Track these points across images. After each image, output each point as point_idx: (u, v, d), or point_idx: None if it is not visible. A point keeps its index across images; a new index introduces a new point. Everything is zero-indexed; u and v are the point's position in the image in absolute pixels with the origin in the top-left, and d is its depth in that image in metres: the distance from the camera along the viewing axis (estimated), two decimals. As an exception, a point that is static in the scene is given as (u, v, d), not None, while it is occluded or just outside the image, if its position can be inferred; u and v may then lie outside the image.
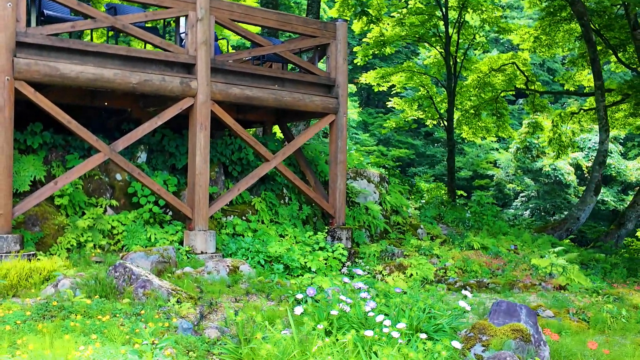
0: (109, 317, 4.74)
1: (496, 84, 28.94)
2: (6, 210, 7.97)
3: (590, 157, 42.69)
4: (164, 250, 8.11)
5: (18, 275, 6.50)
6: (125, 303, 5.51)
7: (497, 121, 30.08)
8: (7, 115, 8.01)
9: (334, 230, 10.75)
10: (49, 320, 4.76)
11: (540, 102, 29.28)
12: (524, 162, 41.61)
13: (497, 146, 46.68)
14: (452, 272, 10.33)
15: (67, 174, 8.61)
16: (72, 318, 4.79)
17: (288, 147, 10.53)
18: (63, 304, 5.03)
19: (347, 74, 10.94)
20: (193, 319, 5.82)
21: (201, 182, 9.45)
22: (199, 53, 9.46)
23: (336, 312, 4.31)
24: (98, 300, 5.26)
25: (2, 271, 6.59)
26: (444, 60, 27.47)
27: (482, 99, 29.21)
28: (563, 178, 40.03)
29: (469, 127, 30.84)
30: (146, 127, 9.23)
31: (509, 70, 28.54)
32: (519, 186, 42.01)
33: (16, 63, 8.07)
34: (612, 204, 40.70)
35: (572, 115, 28.50)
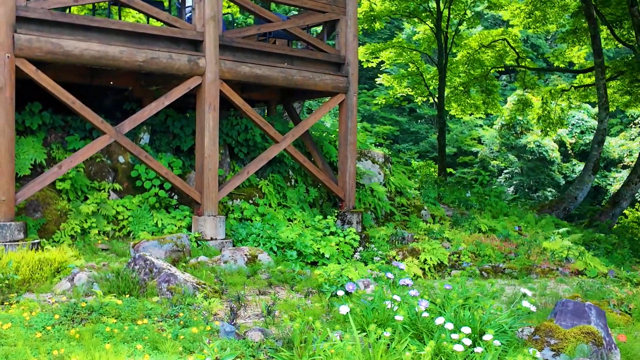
0: (147, 321, 4.37)
1: (485, 61, 28.66)
2: (9, 196, 7.50)
3: (574, 134, 42.84)
4: (178, 239, 7.72)
5: (30, 268, 6.08)
6: (154, 301, 5.14)
7: (487, 98, 29.88)
8: (8, 95, 7.50)
9: (344, 214, 10.42)
10: (79, 325, 4.38)
11: (531, 78, 29.09)
12: (508, 139, 41.60)
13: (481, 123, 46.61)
14: (466, 256, 10.10)
15: (72, 157, 8.14)
16: (105, 321, 4.41)
17: (297, 128, 10.13)
18: (92, 304, 4.64)
19: (357, 52, 10.53)
20: (223, 316, 5.47)
21: (210, 165, 9.04)
22: (207, 29, 8.98)
23: (401, 317, 3.98)
24: (128, 300, 4.88)
25: (9, 263, 6.15)
26: (435, 37, 27.08)
27: (472, 75, 28.93)
28: (547, 155, 40.13)
29: (457, 104, 30.62)
30: (153, 107, 8.76)
31: (499, 46, 28.24)
32: (503, 163, 42.04)
33: (17, 39, 7.54)
34: (595, 181, 40.91)
35: (563, 92, 28.38)
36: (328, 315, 5.39)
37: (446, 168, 27.57)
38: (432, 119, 47.43)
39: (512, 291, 8.38)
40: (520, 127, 41.53)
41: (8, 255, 6.29)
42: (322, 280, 6.71)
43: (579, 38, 25.83)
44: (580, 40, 26.01)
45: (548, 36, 46.83)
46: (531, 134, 41.15)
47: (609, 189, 38.02)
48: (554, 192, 40.55)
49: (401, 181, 13.47)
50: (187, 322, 4.49)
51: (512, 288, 8.53)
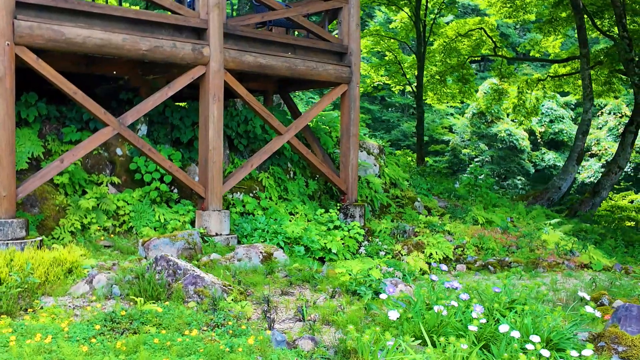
0: (196, 332, 4.11)
1: (462, 50, 28.66)
2: (10, 191, 7.10)
3: (544, 123, 43.41)
4: (189, 236, 7.44)
5: (45, 270, 5.74)
6: (190, 307, 4.88)
7: (463, 87, 29.95)
8: (9, 86, 7.08)
9: (346, 207, 10.24)
10: (122, 335, 4.10)
11: (507, 68, 29.23)
12: (479, 128, 41.91)
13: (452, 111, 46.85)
14: (470, 250, 10.02)
15: (74, 150, 7.76)
16: (147, 330, 4.14)
17: (300, 120, 9.88)
18: (131, 312, 4.36)
19: (360, 41, 10.30)
20: (255, 319, 5.25)
21: (215, 158, 8.74)
22: (211, 16, 8.65)
23: (475, 327, 3.81)
24: (166, 307, 4.61)
25: (21, 263, 5.80)
26: (414, 25, 26.95)
27: (448, 64, 28.93)
28: (518, 143, 40.56)
29: (433, 92, 30.61)
30: (157, 98, 8.42)
31: (476, 35, 28.27)
32: (474, 151, 42.35)
33: (17, 26, 7.10)
34: (563, 169, 41.46)
35: (539, 81, 28.61)
36: (366, 319, 5.20)
37: (424, 157, 27.59)
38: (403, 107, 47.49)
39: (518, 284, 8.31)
40: (490, 116, 41.87)
41: (20, 255, 5.93)
42: (346, 280, 6.52)
43: (555, 28, 26.01)
44: (556, 30, 26.20)
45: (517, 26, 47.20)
46: (502, 122, 41.54)
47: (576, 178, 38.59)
48: (523, 180, 41.06)
49: (395, 172, 13.34)
50: (235, 331, 4.25)
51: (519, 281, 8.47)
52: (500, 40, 28.59)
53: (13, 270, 5.61)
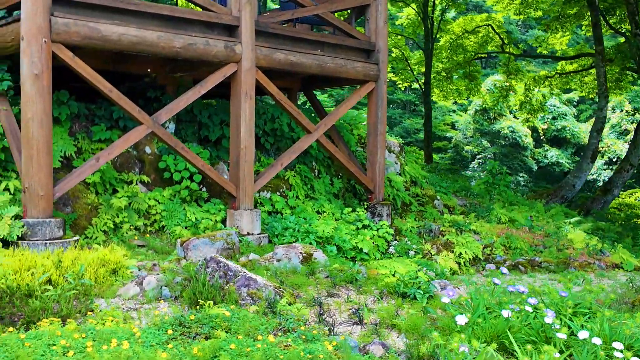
0: (272, 338, 4.04)
1: (468, 46, 28.58)
2: (47, 191, 7.01)
3: (546, 120, 43.38)
4: (228, 236, 7.36)
5: (95, 272, 5.66)
6: (254, 310, 4.80)
7: (469, 84, 29.87)
8: (46, 84, 6.98)
9: (374, 207, 10.17)
10: (194, 340, 4.03)
11: (515, 65, 29.19)
12: (482, 125, 41.85)
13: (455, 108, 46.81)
14: (499, 249, 9.97)
15: (109, 149, 7.66)
16: (219, 335, 4.07)
17: (329, 118, 9.80)
18: (200, 317, 4.29)
19: (387, 39, 10.22)
20: (311, 322, 5.18)
21: (247, 157, 8.66)
22: (243, 13, 8.56)
23: (564, 335, 3.75)
24: (232, 311, 4.53)
25: (69, 265, 5.72)
26: (422, 22, 26.86)
27: (454, 61, 28.84)
28: (521, 140, 40.52)
29: (439, 89, 30.53)
30: (190, 96, 8.33)
31: (483, 32, 28.20)
32: (476, 148, 42.30)
33: (54, 23, 7.00)
34: (566, 166, 41.56)
35: (547, 78, 28.57)
36: (426, 323, 5.13)
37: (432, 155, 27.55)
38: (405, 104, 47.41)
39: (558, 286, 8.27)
40: (493, 113, 41.83)
41: (66, 256, 5.85)
42: (391, 282, 6.46)
43: (563, 25, 25.97)
44: (564, 27, 26.17)
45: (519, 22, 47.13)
46: (504, 119, 41.50)
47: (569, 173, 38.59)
48: (526, 177, 41.06)
49: (415, 171, 13.28)
50: (307, 337, 4.18)
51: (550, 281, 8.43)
52: (508, 37, 28.53)
53: (62, 272, 5.53)
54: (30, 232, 6.84)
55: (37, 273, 5.21)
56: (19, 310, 4.54)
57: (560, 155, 40.87)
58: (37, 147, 6.91)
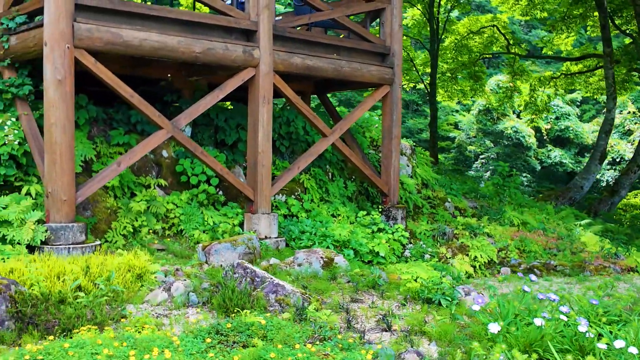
0: (311, 347, 4.07)
1: (473, 47, 28.60)
2: (70, 196, 7.05)
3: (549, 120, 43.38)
4: (249, 240, 7.40)
5: (123, 278, 5.70)
6: (286, 318, 4.84)
7: (474, 84, 29.88)
8: (69, 89, 7.01)
9: (388, 210, 10.21)
10: (233, 349, 4.06)
11: (520, 65, 29.23)
12: (485, 125, 41.85)
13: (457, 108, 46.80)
14: (513, 253, 10.00)
15: (130, 153, 7.70)
16: (256, 344, 4.11)
17: (344, 122, 9.84)
18: (237, 325, 4.32)
19: (402, 42, 10.26)
20: (341, 329, 5.21)
21: (264, 161, 8.69)
22: (261, 18, 8.59)
23: (604, 345, 3.78)
24: (267, 318, 4.57)
25: (98, 271, 5.76)
26: (428, 22, 26.87)
27: (459, 62, 28.85)
28: (524, 140, 40.52)
29: (444, 90, 30.55)
30: (208, 101, 8.37)
31: (488, 32, 28.22)
32: (479, 148, 42.30)
33: (77, 29, 7.03)
34: (569, 166, 41.56)
35: (552, 79, 28.60)
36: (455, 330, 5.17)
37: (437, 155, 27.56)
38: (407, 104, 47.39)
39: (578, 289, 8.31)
40: (496, 113, 41.83)
41: (93, 262, 5.88)
42: (414, 287, 6.49)
43: (568, 25, 26.01)
44: (569, 27, 26.20)
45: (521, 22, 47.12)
46: (508, 119, 41.51)
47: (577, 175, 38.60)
48: (529, 177, 41.06)
49: (426, 173, 13.32)
50: (344, 345, 4.21)
51: (577, 288, 8.46)
52: (514, 38, 28.53)
53: (91, 278, 5.56)
54: (53, 237, 6.87)
55: (67, 279, 5.25)
56: (54, 317, 4.58)
57: (563, 156, 40.87)
58: (60, 152, 6.95)
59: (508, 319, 4.82)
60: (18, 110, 7.65)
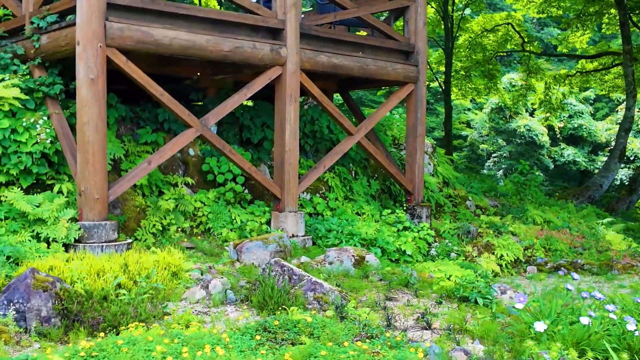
0: (361, 344, 4.07)
1: (487, 45, 28.49)
2: (102, 194, 7.08)
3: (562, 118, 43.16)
4: (280, 238, 7.41)
5: (161, 276, 5.72)
6: (329, 316, 4.84)
7: (488, 83, 29.77)
8: (101, 89, 7.04)
9: (413, 208, 10.19)
10: (282, 347, 4.07)
11: (535, 63, 29.10)
12: (497, 123, 41.68)
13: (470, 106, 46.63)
14: (539, 251, 9.96)
15: (160, 152, 7.73)
16: (304, 341, 4.11)
17: (369, 120, 9.83)
18: (284, 322, 4.33)
19: (426, 40, 10.23)
20: (381, 327, 5.20)
21: (291, 160, 8.70)
22: (289, 16, 8.59)
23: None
24: (318, 317, 4.57)
25: (136, 269, 5.78)
26: (442, 20, 26.80)
27: (473, 60, 28.76)
28: (537, 139, 40.31)
29: (458, 88, 30.46)
30: (236, 99, 8.38)
31: (502, 30, 28.11)
32: (492, 147, 42.14)
33: (109, 28, 7.06)
34: (583, 164, 41.33)
35: (567, 77, 28.47)
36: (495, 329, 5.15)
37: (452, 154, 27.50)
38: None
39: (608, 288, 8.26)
40: (509, 111, 41.65)
41: (131, 259, 5.91)
42: (448, 285, 6.48)
43: (583, 23, 25.88)
44: (584, 25, 26.07)
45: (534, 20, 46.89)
46: (520, 117, 41.32)
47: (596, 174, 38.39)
48: (542, 176, 40.83)
49: (447, 171, 13.29)
50: (392, 343, 4.21)
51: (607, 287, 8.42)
52: (528, 36, 28.42)
53: (130, 275, 5.59)
54: (86, 235, 6.91)
55: (108, 277, 5.27)
56: (99, 314, 4.60)
57: (577, 154, 40.65)
58: (93, 151, 6.98)
59: (551, 317, 4.80)
60: (49, 109, 7.68)
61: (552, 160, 42.22)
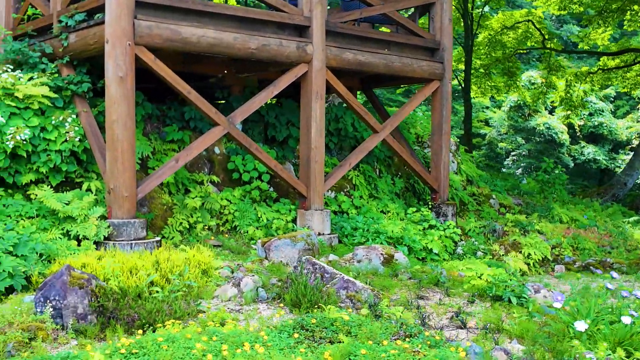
0: (400, 343, 4.03)
1: (507, 42, 28.23)
2: (131, 192, 7.09)
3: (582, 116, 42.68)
4: (307, 237, 7.38)
5: (194, 274, 5.71)
6: (364, 314, 4.80)
7: (508, 80, 29.51)
8: (129, 87, 7.05)
9: (438, 206, 10.11)
10: (321, 345, 4.03)
11: (556, 60, 28.81)
12: (516, 121, 41.32)
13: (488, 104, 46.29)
14: (567, 250, 9.84)
15: (187, 150, 7.72)
16: (342, 339, 4.07)
17: (395, 118, 9.77)
18: (321, 320, 4.29)
19: (452, 37, 10.15)
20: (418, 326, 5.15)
21: (317, 158, 8.66)
22: (314, 14, 8.55)
23: None
24: (353, 315, 4.54)
25: (165, 266, 5.78)
26: (462, 18, 26.61)
27: (493, 57, 28.51)
28: (557, 137, 39.90)
29: (477, 86, 30.22)
30: (263, 97, 8.36)
31: (523, 28, 27.84)
32: (511, 145, 41.77)
33: (137, 26, 7.07)
34: (603, 163, 40.86)
35: (589, 74, 28.16)
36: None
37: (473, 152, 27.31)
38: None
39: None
40: (528, 109, 41.26)
41: (162, 257, 5.91)
42: (479, 284, 6.40)
43: (605, 20, 25.58)
44: (606, 22, 25.77)
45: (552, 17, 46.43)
46: (540, 115, 40.94)
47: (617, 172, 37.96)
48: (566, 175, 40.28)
49: (471, 169, 13.19)
50: (432, 342, 4.16)
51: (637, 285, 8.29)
52: (549, 33, 28.14)
53: (162, 273, 5.58)
54: (116, 233, 6.92)
55: (141, 274, 5.27)
56: (134, 312, 4.59)
57: (597, 152, 40.16)
58: (122, 149, 6.99)
59: (590, 316, 4.72)
60: (77, 107, 7.71)
61: (572, 158, 41.79)
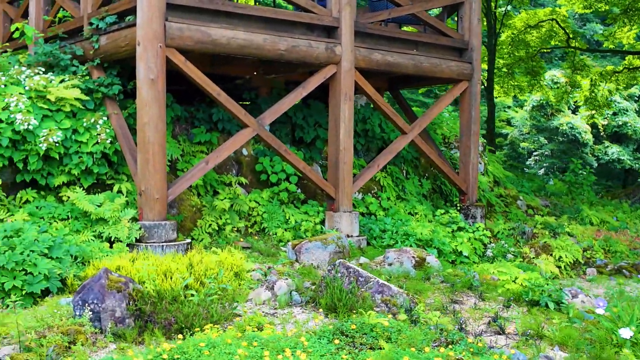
0: (444, 350, 3.97)
1: (530, 41, 27.94)
2: (162, 194, 7.09)
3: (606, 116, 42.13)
4: (338, 239, 7.33)
5: (228, 277, 5.69)
6: (404, 320, 4.74)
7: (532, 80, 29.20)
8: (160, 89, 7.05)
9: (467, 208, 10.01)
10: (362, 352, 3.98)
11: (580, 60, 28.48)
12: (539, 121, 40.89)
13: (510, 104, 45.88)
14: (599, 253, 9.68)
15: (217, 152, 7.72)
16: (382, 346, 4.01)
17: (423, 119, 9.69)
18: (361, 326, 4.24)
19: (481, 37, 10.04)
20: (459, 332, 5.07)
21: (346, 159, 8.61)
22: (343, 14, 8.50)
23: None
24: (391, 320, 4.48)
25: (199, 268, 5.76)
26: (485, 17, 26.38)
27: (516, 56, 28.23)
28: (580, 137, 39.42)
29: (500, 85, 29.96)
30: (292, 98, 8.34)
31: (546, 26, 27.54)
32: (533, 145, 41.35)
33: (168, 28, 7.06)
34: (627, 163, 40.31)
35: (614, 73, 27.80)
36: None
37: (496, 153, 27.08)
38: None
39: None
40: (550, 109, 40.82)
41: (195, 259, 5.89)
42: (514, 288, 6.31)
43: (631, 18, 25.24)
44: (631, 20, 25.42)
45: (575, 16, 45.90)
46: (563, 115, 40.47)
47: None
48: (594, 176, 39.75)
49: (498, 170, 13.05)
50: (474, 350, 4.09)
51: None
52: (573, 32, 27.81)
53: (196, 276, 5.57)
54: (147, 235, 6.93)
55: (176, 277, 5.25)
56: (172, 315, 4.57)
57: (621, 152, 39.63)
58: (153, 151, 6.99)
59: (633, 323, 4.62)
60: (108, 109, 7.73)
61: (595, 158, 41.27)
